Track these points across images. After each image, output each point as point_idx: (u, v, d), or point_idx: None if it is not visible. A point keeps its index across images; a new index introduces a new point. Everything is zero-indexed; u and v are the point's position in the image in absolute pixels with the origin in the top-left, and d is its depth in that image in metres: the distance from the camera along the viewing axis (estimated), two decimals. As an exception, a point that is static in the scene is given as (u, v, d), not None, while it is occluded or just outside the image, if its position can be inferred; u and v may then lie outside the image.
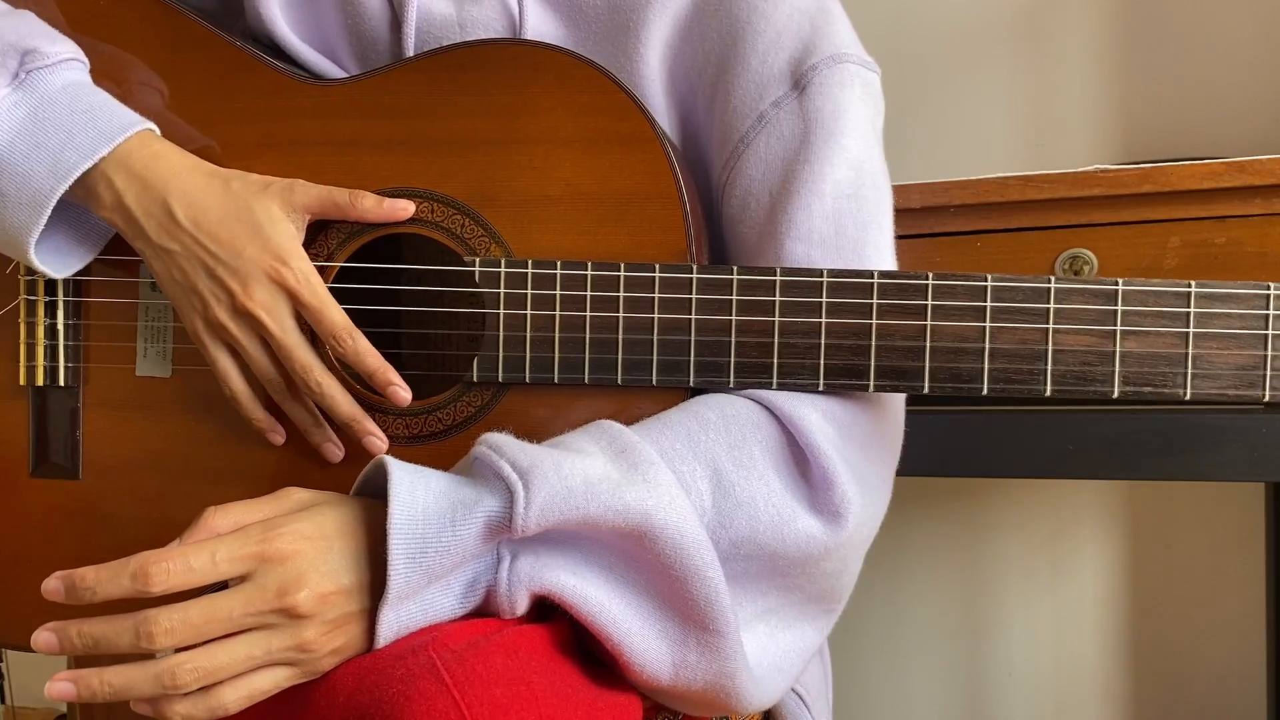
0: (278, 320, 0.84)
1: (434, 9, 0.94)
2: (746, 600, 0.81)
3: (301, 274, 0.84)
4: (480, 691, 0.65)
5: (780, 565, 0.81)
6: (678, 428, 0.81)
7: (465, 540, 0.70)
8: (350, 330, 0.85)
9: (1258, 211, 1.07)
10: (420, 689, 0.65)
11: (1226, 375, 0.78)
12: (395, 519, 0.69)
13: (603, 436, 0.77)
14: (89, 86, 0.88)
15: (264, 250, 0.84)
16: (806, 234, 0.87)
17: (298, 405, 0.88)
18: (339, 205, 0.86)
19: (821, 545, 0.81)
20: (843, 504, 0.81)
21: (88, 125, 0.84)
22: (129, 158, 0.85)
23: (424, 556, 0.69)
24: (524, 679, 0.68)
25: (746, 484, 0.80)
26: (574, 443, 0.76)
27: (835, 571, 0.84)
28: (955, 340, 0.81)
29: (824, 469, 0.81)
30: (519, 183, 0.86)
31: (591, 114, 0.85)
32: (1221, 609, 1.52)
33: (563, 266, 0.83)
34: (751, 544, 0.79)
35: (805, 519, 0.81)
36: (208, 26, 0.92)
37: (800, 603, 0.84)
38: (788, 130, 0.89)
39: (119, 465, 0.93)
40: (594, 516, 0.71)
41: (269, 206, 0.85)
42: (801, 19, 0.91)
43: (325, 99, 0.90)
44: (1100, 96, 1.51)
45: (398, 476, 0.71)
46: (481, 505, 0.70)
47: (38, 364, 0.94)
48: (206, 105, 0.92)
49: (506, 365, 0.85)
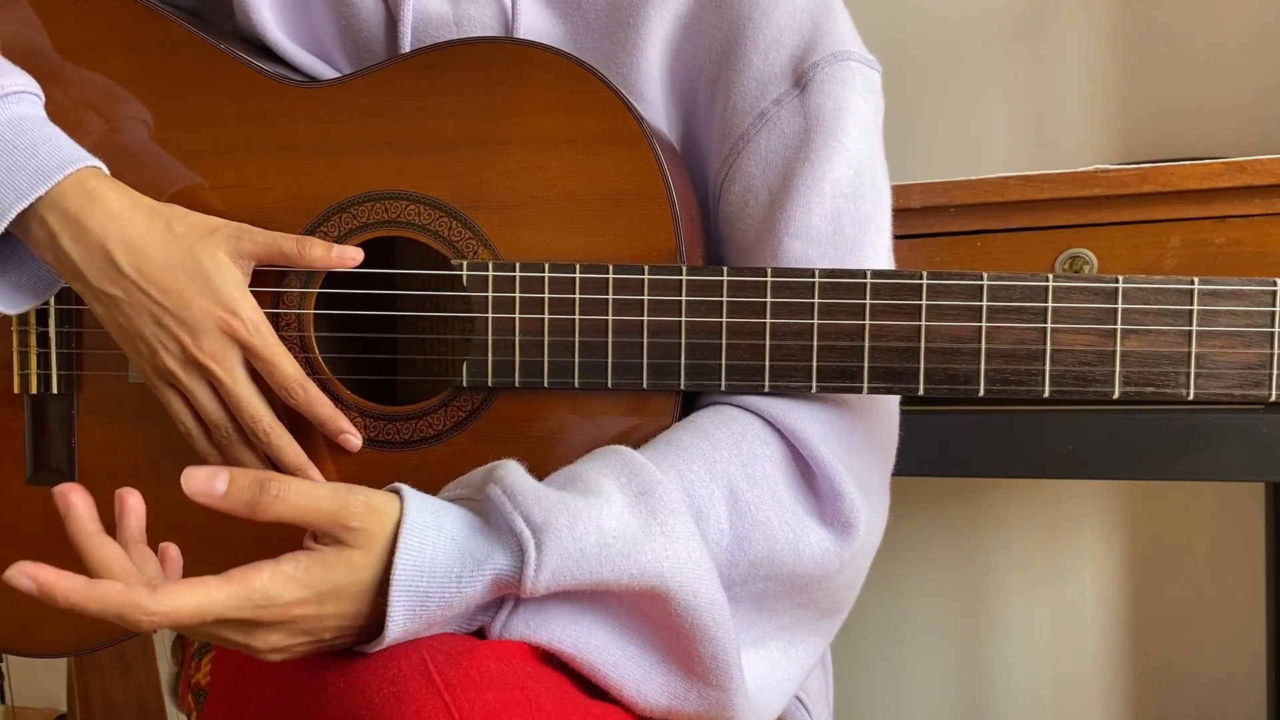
0: (228, 370, 0.82)
1: (430, 8, 0.92)
2: (761, 619, 0.80)
3: (252, 324, 0.82)
4: (472, 694, 0.64)
5: (797, 583, 0.80)
6: (693, 450, 0.79)
7: (470, 597, 0.68)
8: (302, 381, 0.83)
9: (1258, 211, 1.06)
10: (411, 690, 0.63)
11: (1231, 374, 0.76)
12: (399, 572, 0.67)
13: (623, 472, 0.75)
14: (37, 120, 0.83)
15: (213, 301, 0.81)
16: (805, 232, 0.85)
17: (246, 451, 0.86)
18: (286, 254, 0.83)
19: (836, 559, 0.80)
20: (852, 514, 0.80)
21: (26, 163, 0.80)
22: (63, 198, 0.81)
23: (424, 610, 0.68)
24: (518, 683, 0.67)
25: (761, 504, 0.78)
26: (593, 479, 0.73)
27: (849, 583, 0.84)
28: (951, 340, 0.78)
29: (830, 480, 0.80)
30: (506, 184, 0.84)
31: (578, 113, 0.83)
32: (1221, 609, 1.51)
33: (550, 269, 0.81)
34: (769, 564, 0.78)
35: (818, 533, 0.80)
36: (190, 28, 0.90)
37: (814, 618, 0.83)
38: (788, 128, 0.87)
39: (115, 472, 0.92)
40: (606, 580, 0.69)
41: (215, 253, 0.82)
42: (803, 15, 0.89)
43: (310, 101, 0.88)
44: (1100, 96, 1.50)
45: (409, 525, 0.68)
46: (491, 563, 0.68)
47: (31, 372, 0.92)
48: (191, 110, 0.89)
49: (496, 369, 0.83)
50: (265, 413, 0.83)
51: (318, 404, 0.84)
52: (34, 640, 0.93)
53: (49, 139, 0.82)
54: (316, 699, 0.67)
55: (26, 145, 0.81)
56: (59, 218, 0.81)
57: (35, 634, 0.92)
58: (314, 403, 0.83)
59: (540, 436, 0.84)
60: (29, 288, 0.87)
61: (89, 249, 0.81)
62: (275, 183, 0.87)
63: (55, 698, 1.89)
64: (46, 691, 1.92)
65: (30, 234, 0.82)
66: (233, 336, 0.81)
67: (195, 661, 1.01)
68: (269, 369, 0.82)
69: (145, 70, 0.90)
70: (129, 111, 0.89)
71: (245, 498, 0.66)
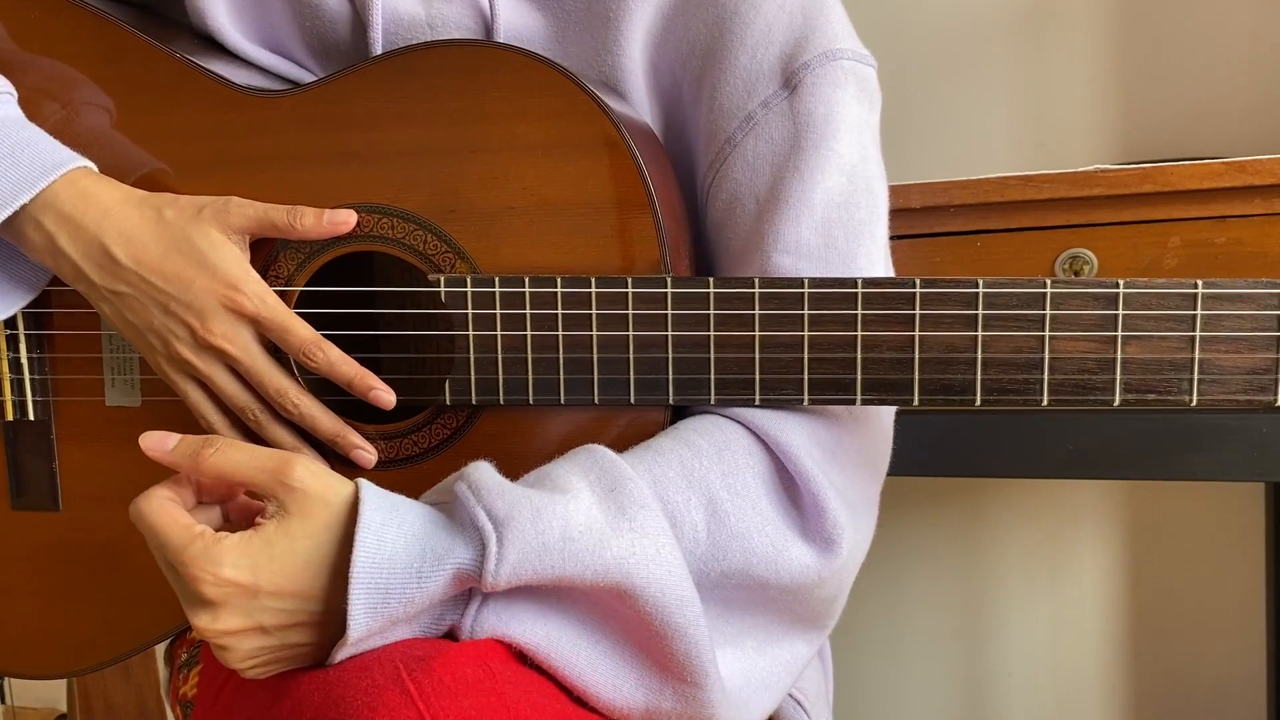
0: (242, 348, 0.79)
1: (400, 9, 0.86)
2: (734, 618, 0.76)
3: (257, 296, 0.78)
4: (447, 702, 0.61)
5: (772, 594, 0.76)
6: (670, 455, 0.74)
7: (431, 592, 0.65)
8: (319, 342, 0.79)
9: (1258, 211, 1.04)
10: (385, 700, 0.60)
11: (1235, 380, 0.72)
12: (358, 566, 0.63)
13: (593, 469, 0.70)
14: (17, 122, 0.81)
15: (214, 279, 0.78)
16: (794, 246, 0.79)
17: (279, 428, 0.82)
18: (277, 225, 0.79)
19: (815, 574, 0.76)
20: (835, 531, 0.76)
21: (9, 170, 0.78)
22: (56, 199, 0.78)
23: (386, 606, 0.64)
24: (494, 689, 0.63)
25: (741, 514, 0.74)
26: (562, 478, 0.69)
27: (829, 598, 0.79)
28: (945, 350, 0.74)
29: (814, 496, 0.76)
30: (481, 194, 0.78)
31: (553, 118, 0.77)
32: (1221, 609, 1.49)
33: (531, 284, 0.76)
34: (744, 575, 0.74)
35: (798, 548, 0.75)
36: (147, 39, 0.84)
37: (791, 621, 0.79)
38: (777, 134, 0.81)
39: (98, 496, 0.88)
40: (570, 575, 0.65)
41: (208, 232, 0.78)
42: (793, 9, 0.83)
43: (275, 112, 0.82)
44: (1100, 96, 1.47)
45: (367, 518, 0.65)
46: (452, 556, 0.64)
47: (5, 399, 0.89)
48: (153, 123, 0.84)
49: (479, 387, 0.78)
50: (290, 383, 0.80)
51: (339, 363, 0.79)
52: (26, 663, 0.90)
53: (31, 143, 0.80)
54: (294, 711, 0.64)
55: (8, 151, 0.78)
56: (55, 219, 0.79)
57: (27, 657, 0.90)
58: (334, 362, 0.79)
59: (527, 453, 0.79)
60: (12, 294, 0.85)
61: (86, 246, 0.79)
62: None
63: (55, 698, 1.88)
64: (46, 692, 1.92)
65: (25, 238, 0.80)
66: (240, 312, 0.78)
67: (183, 673, 0.98)
68: (283, 336, 0.78)
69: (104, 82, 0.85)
70: (90, 125, 0.85)
71: (189, 450, 0.68)
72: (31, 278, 0.84)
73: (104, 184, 0.80)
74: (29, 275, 0.84)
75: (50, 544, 0.89)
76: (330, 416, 0.81)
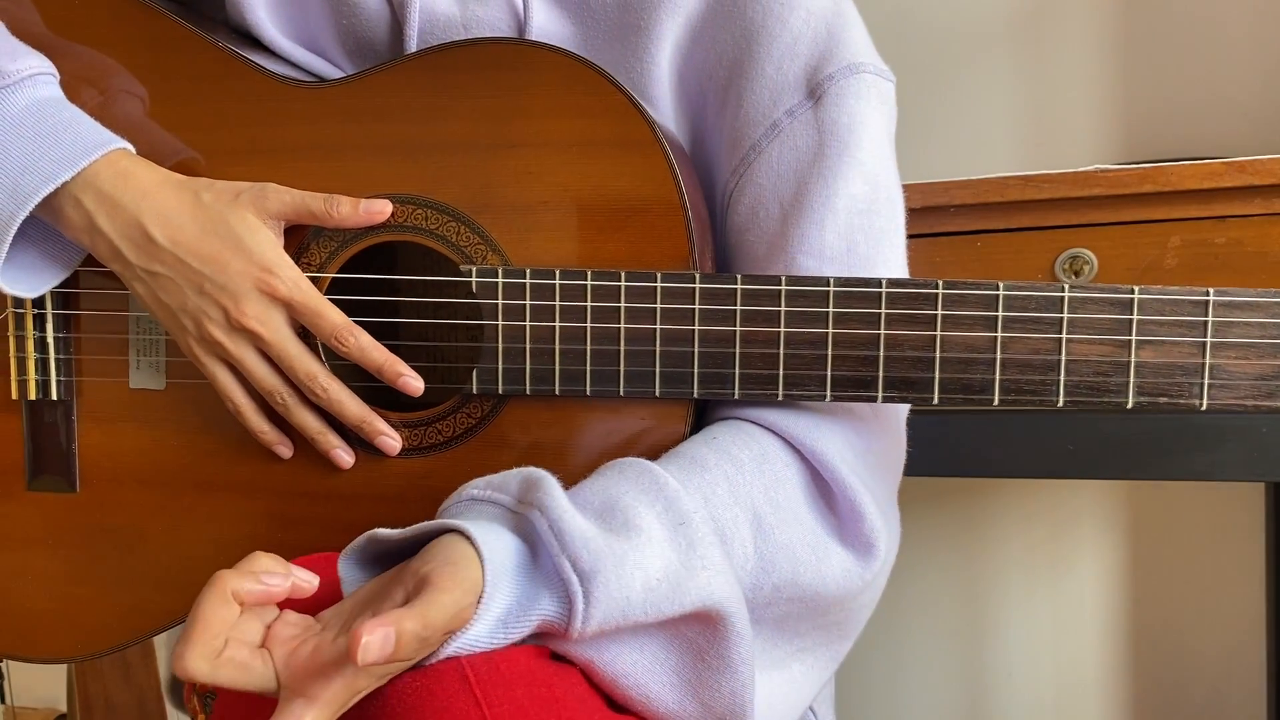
0: (274, 331, 0.80)
1: (438, 9, 0.88)
2: (783, 641, 0.78)
3: (291, 281, 0.79)
4: (502, 691, 0.63)
5: (821, 604, 0.78)
6: (716, 471, 0.76)
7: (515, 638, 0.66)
8: (350, 328, 0.80)
9: (1258, 211, 1.04)
10: (444, 684, 0.62)
11: (1245, 385, 0.74)
12: None
13: (658, 499, 0.71)
14: (58, 103, 0.82)
15: (249, 262, 0.79)
16: (818, 249, 0.81)
17: (306, 412, 0.83)
18: (314, 212, 0.81)
19: (859, 579, 0.78)
20: (873, 535, 0.78)
21: (51, 149, 0.79)
22: (97, 178, 0.79)
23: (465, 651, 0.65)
24: (545, 681, 0.65)
25: (784, 526, 0.76)
26: (631, 510, 0.70)
27: (868, 604, 0.82)
28: (966, 350, 0.75)
29: (851, 502, 0.78)
30: (515, 189, 0.80)
31: (589, 117, 0.79)
32: (1221, 609, 1.50)
33: (561, 275, 0.77)
34: (794, 586, 0.76)
35: (840, 554, 0.78)
36: (188, 27, 0.85)
37: (836, 639, 0.82)
38: (801, 141, 0.84)
39: (116, 478, 0.89)
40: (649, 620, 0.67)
41: (244, 216, 0.80)
42: (818, 24, 0.85)
43: (314, 103, 0.83)
44: (1100, 96, 1.48)
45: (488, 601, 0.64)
46: (539, 608, 0.65)
47: (29, 378, 0.89)
48: (191, 111, 0.85)
49: (506, 377, 0.79)
50: (320, 368, 0.81)
51: (370, 349, 0.80)
52: (34, 646, 0.90)
53: (72, 123, 0.81)
54: None
55: (49, 131, 0.79)
56: (95, 198, 0.79)
57: (35, 640, 0.90)
58: (365, 348, 0.80)
59: (551, 443, 0.81)
60: (46, 271, 0.85)
61: (125, 225, 0.80)
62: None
63: (55, 698, 1.87)
64: (46, 692, 1.90)
65: (64, 217, 0.80)
66: (273, 296, 0.79)
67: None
68: (315, 321, 0.80)
69: (144, 70, 0.86)
70: (127, 111, 0.86)
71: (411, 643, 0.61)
72: (66, 257, 0.85)
73: (143, 166, 0.81)
74: (64, 254, 0.85)
75: (65, 525, 0.89)
76: (357, 402, 0.82)
